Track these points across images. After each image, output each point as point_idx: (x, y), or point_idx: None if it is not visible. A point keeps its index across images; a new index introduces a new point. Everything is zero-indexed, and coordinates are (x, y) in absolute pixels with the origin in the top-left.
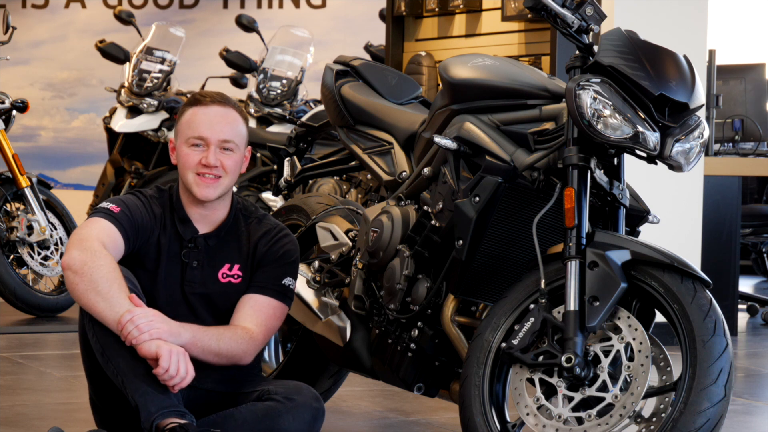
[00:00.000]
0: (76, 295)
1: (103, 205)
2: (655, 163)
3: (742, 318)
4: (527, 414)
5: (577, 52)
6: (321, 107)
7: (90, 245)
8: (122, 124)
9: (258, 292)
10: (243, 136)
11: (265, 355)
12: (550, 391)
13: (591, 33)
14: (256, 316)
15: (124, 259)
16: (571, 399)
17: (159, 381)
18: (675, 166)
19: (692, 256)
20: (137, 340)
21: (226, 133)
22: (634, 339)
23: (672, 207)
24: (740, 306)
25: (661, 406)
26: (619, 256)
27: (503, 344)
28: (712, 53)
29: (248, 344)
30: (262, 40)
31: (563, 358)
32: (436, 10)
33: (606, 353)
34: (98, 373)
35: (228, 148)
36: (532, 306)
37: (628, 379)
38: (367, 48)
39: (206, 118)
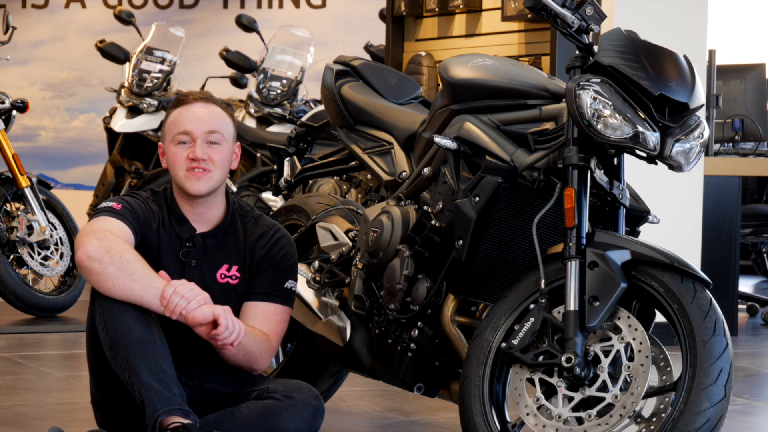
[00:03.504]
0: (103, 280)
1: (103, 204)
2: (655, 163)
3: (742, 318)
4: (527, 414)
5: (577, 52)
6: (321, 107)
7: (105, 235)
8: (122, 124)
9: (263, 299)
10: (229, 129)
11: None
12: (550, 391)
13: (591, 33)
14: (266, 325)
15: None
16: (571, 399)
17: (166, 378)
18: (675, 166)
19: (692, 256)
20: (187, 310)
21: (211, 124)
22: (634, 339)
23: (672, 207)
24: (740, 306)
25: (661, 406)
26: (619, 256)
27: (503, 344)
28: (712, 53)
29: (266, 346)
30: (262, 40)
31: (563, 358)
32: (436, 10)
33: (606, 353)
34: (104, 369)
35: (214, 141)
36: (532, 306)
37: (628, 379)
38: (367, 48)
39: (190, 113)
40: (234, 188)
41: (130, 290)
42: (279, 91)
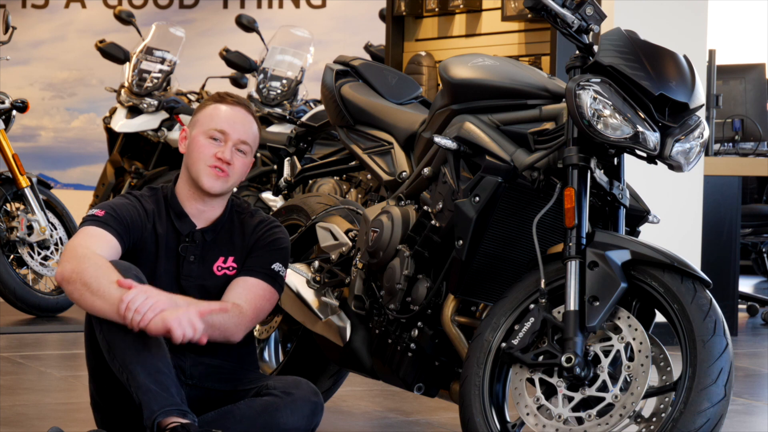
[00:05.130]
0: (76, 302)
1: (89, 213)
2: (655, 163)
3: (742, 318)
4: (527, 414)
5: (577, 52)
6: (321, 107)
7: (76, 253)
8: (122, 124)
9: (247, 274)
10: (257, 142)
11: (265, 355)
12: (550, 391)
13: (591, 33)
14: (244, 295)
15: (124, 255)
16: (571, 399)
17: (163, 379)
18: (675, 166)
19: (692, 255)
20: (143, 323)
21: (246, 134)
22: (634, 339)
23: (672, 207)
24: (740, 306)
25: (661, 406)
26: (619, 256)
27: (503, 344)
28: (712, 53)
29: (239, 319)
30: (262, 40)
31: (563, 358)
32: (436, 10)
33: (606, 353)
34: (103, 371)
35: (243, 150)
36: (532, 306)
37: (628, 379)
38: (367, 48)
39: (229, 115)
40: (234, 188)
41: (98, 309)
42: (279, 91)
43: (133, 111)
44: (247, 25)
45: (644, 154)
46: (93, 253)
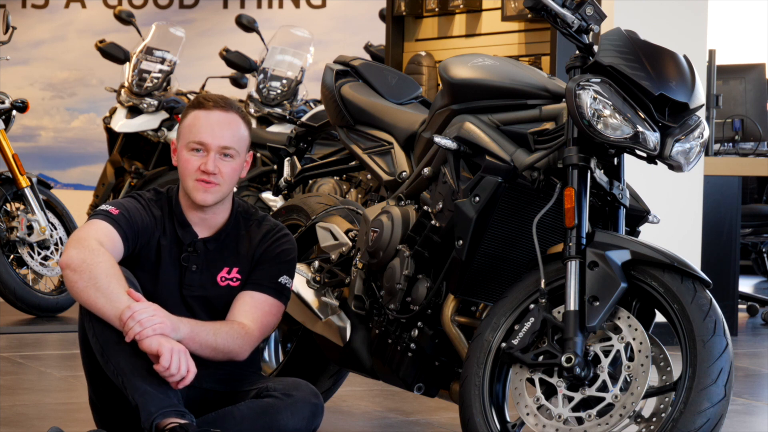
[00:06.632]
0: (75, 292)
1: (102, 207)
2: (655, 163)
3: (742, 318)
4: (527, 414)
5: (577, 52)
6: (321, 107)
7: (88, 244)
8: (122, 124)
9: (254, 289)
10: (244, 141)
11: (265, 355)
12: (550, 391)
13: (591, 33)
14: (252, 313)
15: (125, 260)
16: (571, 399)
17: (159, 380)
18: (675, 166)
19: (692, 255)
20: (139, 336)
21: (226, 139)
22: (634, 339)
23: (672, 207)
24: (740, 306)
25: (661, 406)
26: (619, 256)
27: (503, 344)
28: (712, 53)
29: (244, 340)
30: (262, 40)
31: (563, 358)
32: (436, 10)
33: (606, 353)
34: (98, 373)
35: (228, 154)
36: (532, 306)
37: (628, 379)
38: (367, 48)
39: (207, 123)
40: (234, 188)
41: (94, 305)
42: (279, 91)
43: (133, 111)
44: (247, 25)
45: (644, 154)
46: (104, 250)
